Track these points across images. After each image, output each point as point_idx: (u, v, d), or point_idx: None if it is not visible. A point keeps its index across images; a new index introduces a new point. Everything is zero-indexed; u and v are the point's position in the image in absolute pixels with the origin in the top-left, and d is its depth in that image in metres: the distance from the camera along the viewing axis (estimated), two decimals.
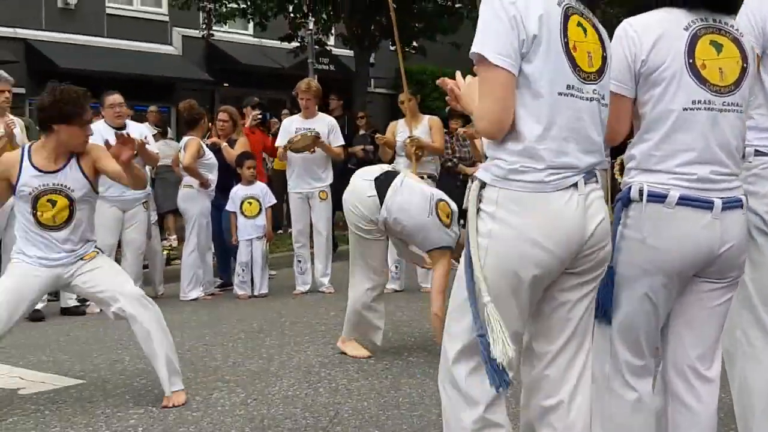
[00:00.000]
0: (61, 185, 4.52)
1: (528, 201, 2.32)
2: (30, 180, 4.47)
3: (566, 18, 2.33)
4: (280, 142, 8.01)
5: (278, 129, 8.75)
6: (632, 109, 2.62)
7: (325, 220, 8.18)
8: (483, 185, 2.39)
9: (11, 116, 7.26)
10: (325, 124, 8.07)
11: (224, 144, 8.41)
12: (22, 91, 13.95)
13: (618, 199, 2.65)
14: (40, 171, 4.49)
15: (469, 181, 9.36)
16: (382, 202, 5.09)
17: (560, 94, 2.32)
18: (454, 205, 5.25)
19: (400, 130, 7.96)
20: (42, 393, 4.73)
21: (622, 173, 2.79)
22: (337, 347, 5.56)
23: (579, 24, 2.36)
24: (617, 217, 2.64)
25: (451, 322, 2.53)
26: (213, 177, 8.02)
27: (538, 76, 2.30)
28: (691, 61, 2.53)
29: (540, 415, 2.54)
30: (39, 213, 4.47)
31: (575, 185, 2.34)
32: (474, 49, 2.33)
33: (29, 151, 4.55)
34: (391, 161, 7.98)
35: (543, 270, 2.35)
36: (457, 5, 14.88)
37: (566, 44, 2.32)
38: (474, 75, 2.44)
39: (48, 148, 4.53)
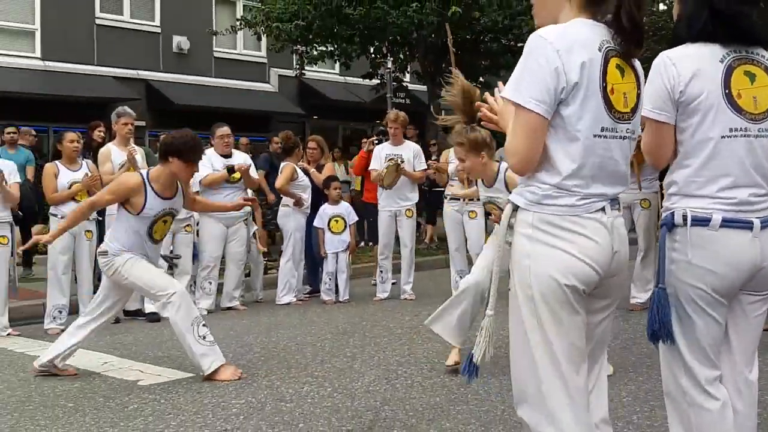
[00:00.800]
0: (173, 209, 5.02)
1: (563, 223, 2.24)
2: (155, 204, 4.88)
3: (606, 62, 2.24)
4: (374, 166, 8.12)
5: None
6: (674, 136, 2.53)
7: (410, 234, 8.20)
8: (516, 208, 2.32)
9: (134, 145, 7.47)
10: (410, 150, 8.13)
11: (312, 169, 8.50)
12: (142, 124, 14.36)
13: (662, 224, 2.55)
14: (161, 198, 4.89)
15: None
16: None
17: (595, 136, 2.23)
18: None
19: (452, 158, 7.94)
20: (158, 384, 4.82)
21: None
22: (413, 347, 5.54)
23: (618, 66, 2.27)
24: (662, 241, 2.54)
25: None
26: (306, 197, 8.11)
27: (575, 120, 2.21)
28: (727, 91, 2.45)
29: None
30: (154, 230, 4.79)
31: (603, 209, 2.27)
32: (509, 93, 2.25)
33: (149, 180, 4.89)
34: (445, 185, 8.06)
35: (584, 282, 2.24)
36: (519, 44, 14.74)
37: (604, 88, 2.23)
38: None
39: (163, 177, 4.91)
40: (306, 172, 8.34)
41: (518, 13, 13.73)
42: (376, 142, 9.29)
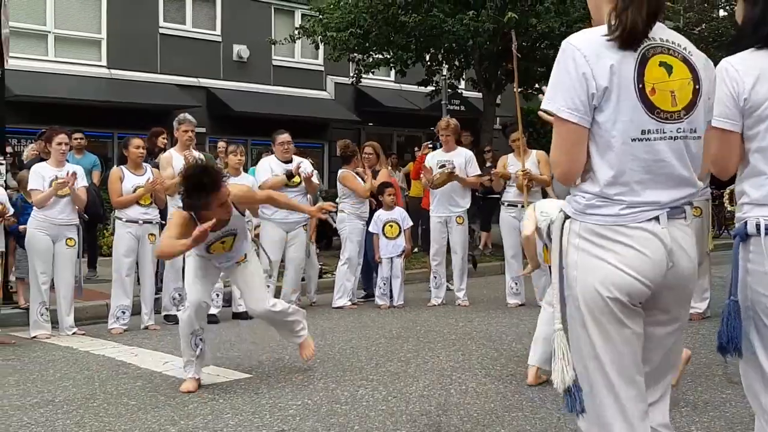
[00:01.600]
0: (230, 230, 4.88)
1: (607, 233, 2.17)
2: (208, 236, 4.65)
3: (643, 62, 2.15)
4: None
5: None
6: (741, 144, 2.45)
7: (461, 241, 8.16)
8: (567, 217, 2.28)
9: (194, 151, 7.61)
10: (462, 157, 8.12)
11: (368, 174, 8.54)
12: (203, 131, 14.62)
13: (735, 234, 2.47)
14: (211, 230, 4.58)
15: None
16: None
17: (634, 140, 2.15)
18: None
19: (510, 163, 7.95)
20: (216, 384, 4.89)
21: (731, 201, 2.63)
22: (467, 353, 5.52)
23: (662, 63, 2.17)
24: (736, 251, 2.45)
25: None
26: (359, 205, 8.14)
27: (610, 126, 2.15)
28: None
29: None
30: (212, 250, 4.89)
31: (657, 219, 2.17)
32: (544, 104, 2.22)
33: (197, 218, 4.60)
34: (501, 191, 8.06)
35: (628, 294, 2.17)
36: None
37: (641, 89, 2.14)
38: None
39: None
40: (362, 178, 8.39)
41: (576, 19, 13.58)
42: (431, 146, 9.29)
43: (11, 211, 6.68)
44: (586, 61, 2.14)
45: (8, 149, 8.58)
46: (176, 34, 17.64)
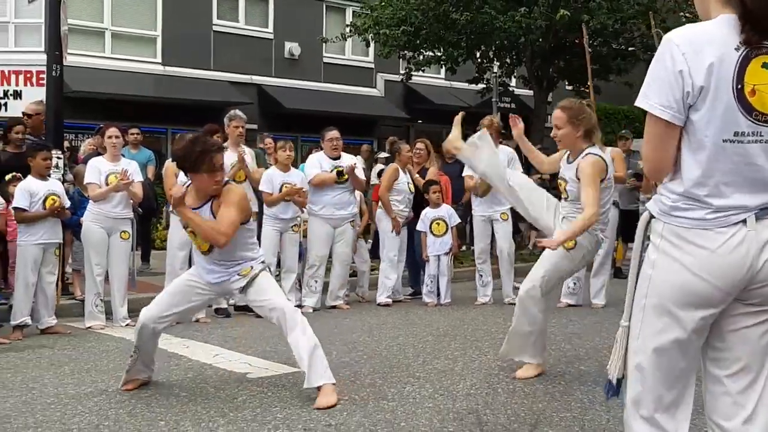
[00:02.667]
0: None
1: (689, 236, 2.15)
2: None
3: (745, 62, 2.08)
4: (468, 172, 8.09)
5: None
6: None
7: (506, 238, 8.10)
8: (652, 217, 2.26)
9: (245, 147, 7.69)
10: (504, 155, 8.01)
11: (415, 174, 8.52)
12: (254, 127, 14.78)
13: None
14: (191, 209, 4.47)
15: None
16: None
17: (726, 141, 2.10)
18: None
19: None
20: (265, 378, 4.94)
21: None
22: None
23: (765, 65, 2.09)
24: None
25: None
26: (400, 200, 8.11)
27: (703, 125, 2.11)
28: None
29: None
30: (194, 241, 4.59)
31: (744, 222, 2.12)
32: (638, 101, 2.19)
33: (187, 191, 4.50)
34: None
35: (704, 302, 2.15)
36: (630, 48, 14.35)
37: (740, 90, 2.08)
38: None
39: (193, 190, 4.53)
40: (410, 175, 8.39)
41: (629, 16, 13.38)
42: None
43: (67, 204, 6.84)
44: (684, 59, 2.09)
45: (65, 144, 8.78)
46: (229, 31, 17.88)
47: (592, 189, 4.49)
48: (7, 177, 7.26)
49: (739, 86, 2.08)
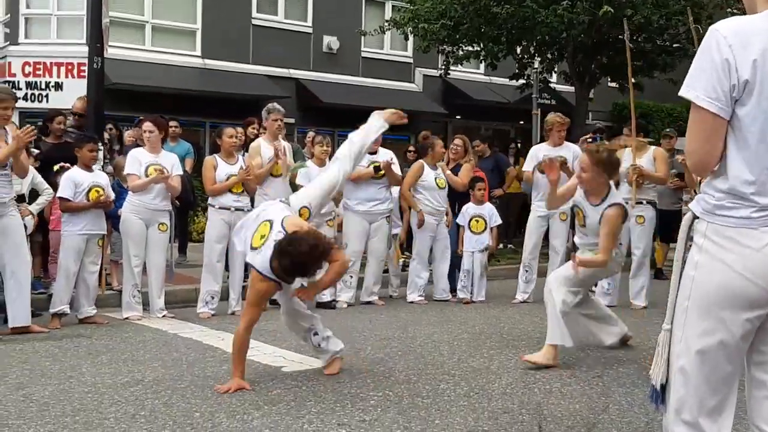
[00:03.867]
0: None
1: (734, 235, 2.11)
2: None
3: None
4: (527, 167, 8.02)
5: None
6: None
7: (562, 240, 8.01)
8: (695, 217, 2.23)
9: (283, 141, 7.74)
10: (570, 152, 7.93)
11: (448, 171, 8.47)
12: (291, 121, 14.83)
13: None
14: None
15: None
16: None
17: None
18: None
19: (624, 158, 7.70)
20: (300, 372, 4.97)
21: None
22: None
23: None
24: None
25: None
26: (432, 198, 8.03)
27: (749, 122, 2.08)
28: None
29: None
30: None
31: None
32: (682, 91, 2.16)
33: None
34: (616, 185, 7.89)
35: (750, 303, 2.12)
36: (675, 44, 14.11)
37: None
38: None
39: None
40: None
41: (675, 12, 13.14)
42: (590, 140, 9.01)
43: (112, 196, 6.95)
44: (730, 50, 2.07)
45: (105, 135, 8.92)
46: (268, 25, 17.97)
47: (610, 241, 5.06)
48: (56, 168, 7.39)
49: None
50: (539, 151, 8.01)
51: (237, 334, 4.54)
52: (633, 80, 15.09)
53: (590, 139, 9.16)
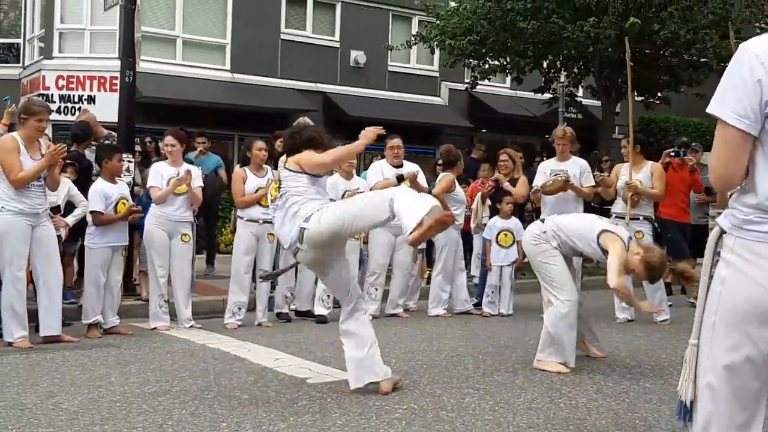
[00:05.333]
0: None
1: (762, 250, 2.08)
2: None
3: None
4: (537, 182, 7.99)
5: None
6: None
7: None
8: (722, 232, 2.21)
9: None
10: (577, 167, 7.91)
11: (506, 182, 8.47)
12: None
13: None
14: None
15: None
16: None
17: None
18: None
19: (622, 173, 7.72)
20: (325, 383, 4.96)
21: None
22: (578, 367, 5.39)
23: None
24: None
25: None
26: (459, 212, 8.02)
27: None
28: None
29: None
30: None
31: None
32: (710, 107, 2.13)
33: None
34: (612, 201, 7.96)
35: None
36: (702, 59, 14.00)
37: None
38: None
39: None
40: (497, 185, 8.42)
41: (703, 26, 13.05)
42: (673, 154, 8.87)
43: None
44: (763, 68, 2.05)
45: (137, 148, 9.02)
46: (297, 39, 18.14)
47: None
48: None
49: None
50: (547, 166, 8.00)
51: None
52: (660, 95, 15.04)
53: (673, 153, 9.04)
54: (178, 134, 7.26)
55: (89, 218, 6.76)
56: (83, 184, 7.38)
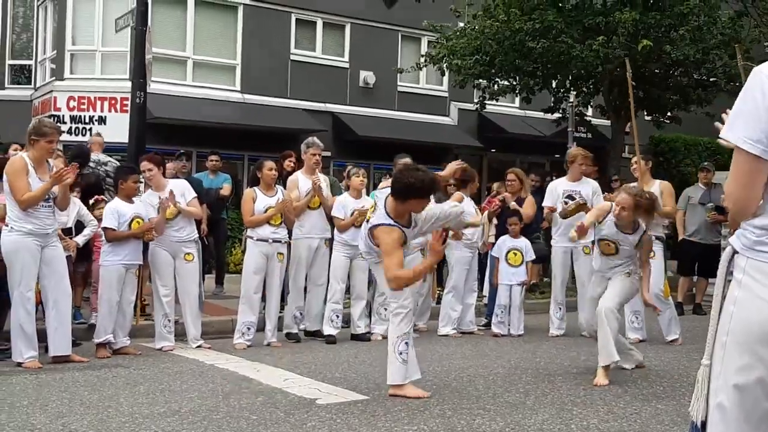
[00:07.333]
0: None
1: None
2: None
3: None
4: (547, 202, 7.98)
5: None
6: None
7: (588, 272, 7.89)
8: (735, 252, 2.20)
9: (319, 174, 7.79)
10: (589, 187, 7.91)
11: (512, 202, 8.47)
12: (328, 154, 14.96)
13: None
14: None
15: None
16: None
17: None
18: None
19: None
20: (334, 404, 4.94)
21: None
22: (589, 388, 5.36)
23: None
24: None
25: None
26: (471, 232, 8.00)
27: None
28: None
29: None
30: None
31: None
32: (723, 132, 2.13)
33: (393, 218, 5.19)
34: None
35: None
36: (711, 79, 14.00)
37: None
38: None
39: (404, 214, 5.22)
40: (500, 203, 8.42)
41: (712, 47, 13.07)
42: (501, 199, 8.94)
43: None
44: None
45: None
46: (306, 60, 18.23)
47: (647, 255, 6.11)
48: (90, 202, 7.52)
49: None
50: (558, 186, 7.99)
51: (396, 275, 4.96)
52: (670, 114, 15.00)
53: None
54: (154, 158, 7.19)
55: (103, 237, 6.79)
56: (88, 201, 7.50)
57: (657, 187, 7.70)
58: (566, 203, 7.78)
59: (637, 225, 5.96)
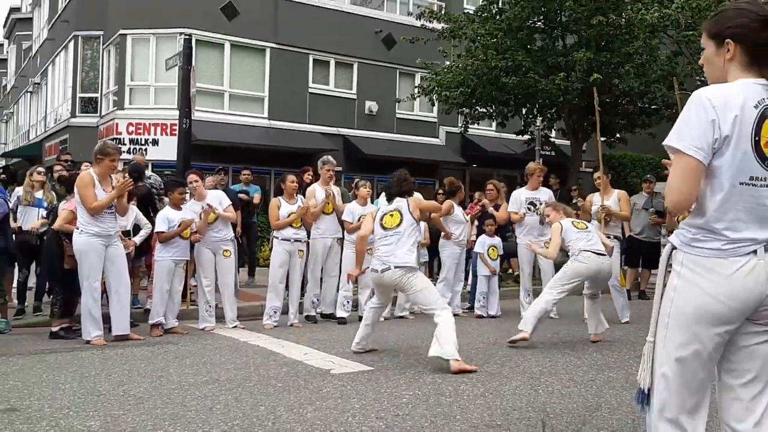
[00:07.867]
0: None
1: (707, 264, 2.08)
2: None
3: (762, 119, 2.07)
4: (512, 208, 7.97)
5: None
6: None
7: (549, 263, 7.86)
8: (674, 248, 2.20)
9: (333, 186, 7.79)
10: (546, 195, 7.93)
11: (491, 208, 8.48)
12: (339, 169, 14.89)
13: None
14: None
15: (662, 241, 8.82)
16: None
17: (742, 184, 2.07)
18: None
19: (595, 201, 7.68)
20: (346, 374, 4.93)
21: None
22: (554, 360, 5.33)
23: None
24: None
25: None
26: (459, 231, 7.97)
27: (725, 169, 2.07)
28: None
29: None
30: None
31: (754, 252, 2.06)
32: (669, 141, 2.11)
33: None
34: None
35: (720, 320, 2.09)
36: (652, 107, 13.99)
37: (757, 142, 2.06)
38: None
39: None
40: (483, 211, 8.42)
41: (653, 80, 13.08)
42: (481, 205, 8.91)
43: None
44: (715, 111, 2.06)
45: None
46: (322, 92, 18.23)
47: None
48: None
49: (756, 138, 2.06)
50: (521, 194, 7.97)
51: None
52: (618, 135, 14.99)
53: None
54: (198, 173, 7.25)
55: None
56: (145, 209, 7.50)
57: (615, 195, 7.68)
58: (529, 209, 7.79)
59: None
